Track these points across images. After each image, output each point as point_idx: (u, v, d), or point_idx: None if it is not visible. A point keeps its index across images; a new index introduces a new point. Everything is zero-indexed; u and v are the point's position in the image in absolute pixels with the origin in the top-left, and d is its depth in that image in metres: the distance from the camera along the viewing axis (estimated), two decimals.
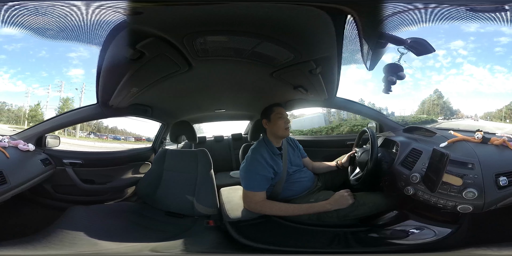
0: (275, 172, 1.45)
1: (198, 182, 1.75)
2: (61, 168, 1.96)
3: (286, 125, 1.55)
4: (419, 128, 1.81)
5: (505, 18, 1.14)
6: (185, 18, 1.15)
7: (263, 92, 2.11)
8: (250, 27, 1.23)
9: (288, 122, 1.56)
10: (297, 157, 1.68)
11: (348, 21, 1.16)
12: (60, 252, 1.18)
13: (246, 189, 1.41)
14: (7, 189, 1.36)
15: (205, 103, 2.39)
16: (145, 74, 1.60)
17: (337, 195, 1.38)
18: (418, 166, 1.30)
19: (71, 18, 1.14)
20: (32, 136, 1.87)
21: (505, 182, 1.10)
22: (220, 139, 3.19)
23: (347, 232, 1.34)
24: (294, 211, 1.37)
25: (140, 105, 2.06)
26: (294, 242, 1.28)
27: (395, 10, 1.12)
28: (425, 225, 1.25)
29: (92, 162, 2.10)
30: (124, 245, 1.28)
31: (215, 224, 1.50)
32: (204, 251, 1.29)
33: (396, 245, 1.25)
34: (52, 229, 1.33)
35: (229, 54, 1.48)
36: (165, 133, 2.68)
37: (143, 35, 1.24)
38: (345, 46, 1.38)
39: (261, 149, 1.49)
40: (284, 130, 1.55)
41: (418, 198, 1.22)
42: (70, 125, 2.53)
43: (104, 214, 1.69)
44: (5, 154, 1.50)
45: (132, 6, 1.09)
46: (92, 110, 1.93)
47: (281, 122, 1.55)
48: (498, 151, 1.23)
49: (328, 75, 1.74)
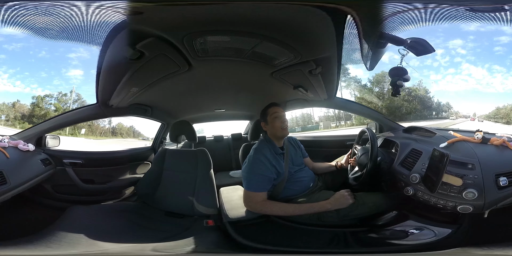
0: (278, 172, 1.45)
1: (197, 182, 1.75)
2: (61, 168, 1.96)
3: (283, 125, 1.54)
4: (418, 128, 1.81)
5: (505, 18, 1.14)
6: (185, 18, 1.15)
7: (263, 92, 2.11)
8: (250, 27, 1.23)
9: (284, 122, 1.55)
10: (298, 156, 1.68)
11: (348, 21, 1.16)
12: (60, 252, 1.18)
13: (248, 190, 1.40)
14: (7, 189, 1.36)
15: (205, 103, 2.39)
16: (145, 74, 1.60)
17: (337, 195, 1.38)
18: (418, 166, 1.30)
19: (71, 18, 1.13)
20: (32, 136, 1.87)
21: (505, 182, 1.10)
22: (220, 139, 3.19)
23: (347, 232, 1.34)
24: (295, 211, 1.37)
25: (140, 105, 2.07)
26: (294, 242, 1.28)
27: (395, 10, 1.12)
28: (425, 225, 1.24)
29: (92, 162, 2.10)
30: (123, 245, 1.28)
31: (215, 224, 1.50)
32: (203, 251, 1.29)
33: (396, 245, 1.25)
34: (52, 229, 1.33)
35: (229, 54, 1.48)
36: (165, 133, 2.69)
37: (143, 35, 1.24)
38: (345, 46, 1.39)
39: (263, 149, 1.49)
40: (281, 130, 1.54)
41: (418, 198, 1.22)
42: (70, 125, 2.54)
43: (104, 214, 1.69)
44: (5, 154, 1.50)
45: (132, 6, 1.09)
46: (92, 110, 1.93)
47: (278, 122, 1.54)
48: (498, 151, 1.23)
49: (328, 75, 1.74)
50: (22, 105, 5.53)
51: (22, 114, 5.71)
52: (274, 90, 2.06)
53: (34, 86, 5.66)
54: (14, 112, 5.54)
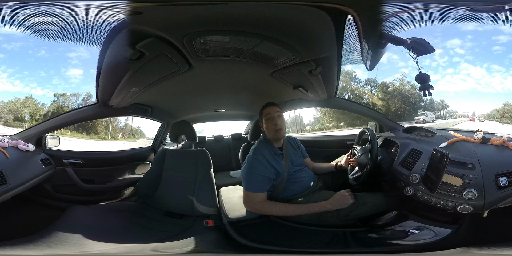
0: (277, 172, 1.45)
1: (197, 182, 1.75)
2: (61, 168, 1.96)
3: (276, 126, 1.48)
4: (418, 128, 1.81)
5: (505, 18, 1.14)
6: (185, 18, 1.15)
7: (263, 92, 2.11)
8: (250, 27, 1.23)
9: (277, 123, 1.48)
10: (298, 157, 1.67)
11: (348, 21, 1.16)
12: (60, 252, 1.18)
13: (247, 190, 1.40)
14: (7, 189, 1.36)
15: (205, 103, 2.39)
16: (145, 74, 1.60)
17: (338, 195, 1.38)
18: (418, 166, 1.30)
19: (71, 18, 1.14)
20: (32, 136, 1.87)
21: (505, 182, 1.10)
22: (220, 139, 3.19)
23: (347, 232, 1.34)
24: (295, 211, 1.37)
25: (140, 105, 2.07)
26: (294, 242, 1.28)
27: (395, 10, 1.12)
28: (425, 225, 1.24)
29: (92, 162, 2.10)
30: (123, 245, 1.28)
31: (215, 224, 1.50)
32: (203, 251, 1.29)
33: (396, 245, 1.25)
34: (52, 229, 1.33)
35: (229, 54, 1.48)
36: (165, 133, 2.69)
37: (143, 35, 1.24)
38: (345, 46, 1.38)
39: (262, 149, 1.48)
40: (274, 132, 1.49)
41: (418, 198, 1.22)
42: (70, 125, 2.53)
43: (104, 214, 1.69)
44: (5, 154, 1.50)
45: (132, 6, 1.09)
46: (92, 110, 1.93)
47: (270, 124, 1.49)
48: (498, 151, 1.23)
49: (328, 75, 1.74)
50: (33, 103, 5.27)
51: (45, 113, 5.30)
52: (274, 90, 2.06)
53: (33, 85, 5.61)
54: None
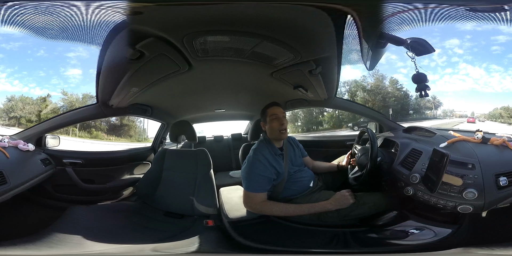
0: (277, 172, 1.45)
1: (197, 182, 1.75)
2: (61, 168, 1.96)
3: (281, 127, 1.47)
4: (418, 128, 1.81)
5: (505, 18, 1.14)
6: (185, 18, 1.15)
7: (263, 92, 2.11)
8: (250, 27, 1.23)
9: (282, 124, 1.48)
10: (298, 156, 1.67)
11: (348, 21, 1.16)
12: (60, 252, 1.18)
13: (247, 190, 1.40)
14: (7, 189, 1.36)
15: (205, 103, 2.39)
16: (145, 74, 1.60)
17: (338, 195, 1.38)
18: (418, 166, 1.30)
19: (71, 18, 1.14)
20: (32, 136, 1.87)
21: (505, 182, 1.10)
22: (220, 139, 3.19)
23: (347, 232, 1.34)
24: (295, 211, 1.37)
25: (140, 105, 2.07)
26: (294, 242, 1.28)
27: (395, 10, 1.12)
28: (425, 225, 1.24)
29: (92, 162, 2.10)
30: (123, 245, 1.28)
31: (215, 224, 1.50)
32: (203, 251, 1.29)
33: (396, 245, 1.25)
34: (52, 229, 1.33)
35: (229, 54, 1.48)
36: (165, 133, 2.69)
37: (143, 35, 1.24)
38: (345, 46, 1.38)
39: (262, 149, 1.47)
40: (279, 133, 1.48)
41: (418, 198, 1.22)
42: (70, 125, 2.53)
43: (104, 214, 1.69)
44: (5, 154, 1.50)
45: (132, 6, 1.09)
46: (92, 110, 1.93)
47: (275, 124, 1.48)
48: (498, 151, 1.23)
49: (328, 75, 1.74)
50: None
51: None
52: (274, 90, 2.06)
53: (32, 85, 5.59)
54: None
